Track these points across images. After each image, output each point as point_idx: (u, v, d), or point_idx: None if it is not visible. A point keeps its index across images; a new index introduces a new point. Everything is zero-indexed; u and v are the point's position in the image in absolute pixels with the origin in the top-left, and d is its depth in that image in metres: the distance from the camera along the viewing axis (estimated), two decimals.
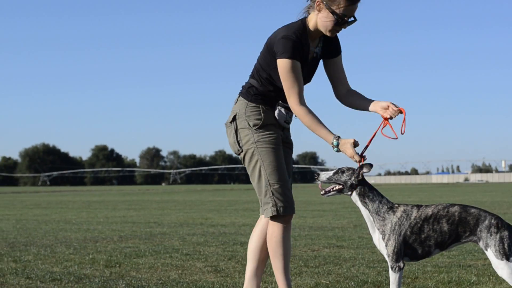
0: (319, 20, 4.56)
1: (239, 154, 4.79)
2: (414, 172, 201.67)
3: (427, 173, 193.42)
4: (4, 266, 7.23)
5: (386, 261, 7.26)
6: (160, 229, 12.66)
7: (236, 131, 4.74)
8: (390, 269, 4.44)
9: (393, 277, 4.44)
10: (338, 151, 4.54)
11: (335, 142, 4.52)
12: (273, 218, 4.69)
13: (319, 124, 4.59)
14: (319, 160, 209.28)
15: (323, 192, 4.63)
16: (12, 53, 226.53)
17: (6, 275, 6.56)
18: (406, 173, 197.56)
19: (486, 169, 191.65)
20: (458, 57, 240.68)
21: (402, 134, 4.62)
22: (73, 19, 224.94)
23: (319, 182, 4.64)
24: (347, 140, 4.51)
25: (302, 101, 4.61)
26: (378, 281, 6.02)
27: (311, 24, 4.64)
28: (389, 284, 5.50)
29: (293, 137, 5.02)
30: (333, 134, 4.55)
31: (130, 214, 18.39)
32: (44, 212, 20.12)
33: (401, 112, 4.62)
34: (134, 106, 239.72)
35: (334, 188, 4.60)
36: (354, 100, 4.88)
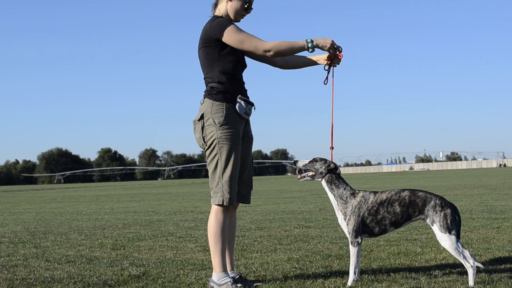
0: (230, 7, 4.66)
1: (203, 148, 4.61)
2: (368, 163, 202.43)
3: (379, 163, 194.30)
4: (27, 251, 7.14)
5: (347, 238, 7.26)
6: (157, 216, 12.58)
7: (202, 128, 4.58)
8: (350, 244, 4.44)
9: (352, 250, 4.44)
10: (313, 50, 4.51)
11: (309, 40, 4.49)
12: (218, 205, 4.58)
13: (292, 42, 4.54)
14: (289, 156, 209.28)
15: (299, 176, 4.62)
16: (31, 70, 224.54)
17: (28, 259, 6.47)
18: (362, 164, 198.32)
19: (427, 159, 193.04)
20: (399, 59, 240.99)
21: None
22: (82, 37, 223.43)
23: (296, 168, 4.63)
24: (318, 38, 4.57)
25: (265, 41, 4.53)
26: (340, 255, 6.01)
27: (221, 13, 4.69)
28: (349, 257, 5.50)
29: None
30: (304, 40, 4.53)
31: (132, 205, 18.27)
32: (59, 206, 19.93)
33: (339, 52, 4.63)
34: (133, 114, 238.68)
35: (308, 174, 4.60)
36: (294, 61, 4.92)
